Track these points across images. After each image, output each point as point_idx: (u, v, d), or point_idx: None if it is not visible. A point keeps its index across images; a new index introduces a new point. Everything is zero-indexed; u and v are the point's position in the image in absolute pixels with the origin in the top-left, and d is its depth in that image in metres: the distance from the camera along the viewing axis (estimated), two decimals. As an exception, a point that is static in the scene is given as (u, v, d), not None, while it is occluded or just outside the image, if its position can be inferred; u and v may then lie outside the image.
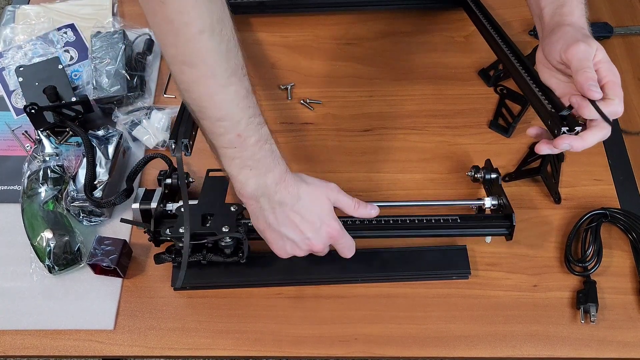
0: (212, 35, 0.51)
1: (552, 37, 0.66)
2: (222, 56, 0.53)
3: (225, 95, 0.54)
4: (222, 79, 0.54)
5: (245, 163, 0.58)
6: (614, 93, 0.62)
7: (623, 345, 0.68)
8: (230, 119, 0.55)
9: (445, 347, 0.68)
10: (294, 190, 0.61)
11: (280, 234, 0.62)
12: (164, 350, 0.68)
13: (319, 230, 0.63)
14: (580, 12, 0.68)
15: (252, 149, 0.57)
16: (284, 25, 0.96)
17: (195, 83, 0.54)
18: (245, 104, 0.56)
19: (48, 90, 0.78)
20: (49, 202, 0.72)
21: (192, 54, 0.52)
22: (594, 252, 0.72)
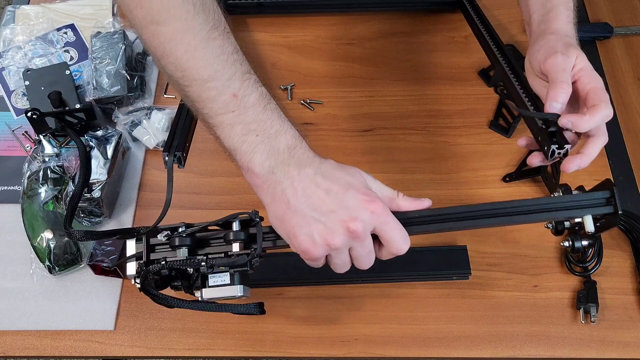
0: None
1: (535, 46, 0.65)
2: (197, 8, 0.46)
3: (209, 50, 0.47)
4: (201, 32, 0.47)
5: (249, 127, 0.48)
6: (598, 98, 0.59)
7: (623, 346, 0.68)
8: (220, 76, 0.48)
9: (446, 348, 0.68)
10: (314, 155, 0.50)
11: (303, 214, 0.48)
12: (164, 350, 0.68)
13: (353, 199, 0.48)
14: (565, 18, 0.65)
15: (254, 109, 0.48)
16: (284, 26, 0.96)
17: (172, 41, 0.47)
18: (234, 59, 0.48)
19: (52, 95, 0.78)
20: (49, 203, 0.72)
21: (162, 10, 0.46)
22: (594, 253, 0.72)
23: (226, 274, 0.54)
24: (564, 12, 0.65)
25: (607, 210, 0.55)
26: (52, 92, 0.78)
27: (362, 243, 0.49)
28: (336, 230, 0.48)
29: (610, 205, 0.55)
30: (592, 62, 0.89)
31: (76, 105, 0.78)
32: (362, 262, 0.51)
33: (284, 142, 0.49)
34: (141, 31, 0.48)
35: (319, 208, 0.48)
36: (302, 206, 0.48)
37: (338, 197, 0.48)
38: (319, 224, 0.48)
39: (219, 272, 0.54)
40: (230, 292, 0.54)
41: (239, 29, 0.95)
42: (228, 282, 0.53)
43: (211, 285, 0.54)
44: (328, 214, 0.48)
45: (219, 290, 0.54)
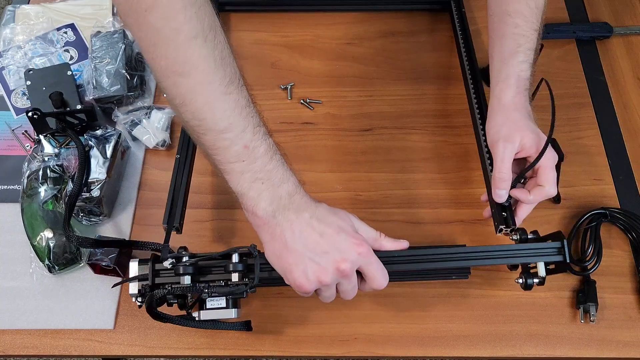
0: (204, 42, 0.49)
1: (488, 119, 0.71)
2: (218, 63, 0.50)
3: (225, 104, 0.51)
4: (220, 86, 0.50)
5: (256, 176, 0.53)
6: (544, 179, 0.65)
7: (623, 345, 0.68)
8: (234, 128, 0.52)
9: (445, 347, 0.68)
10: (310, 200, 0.56)
11: (300, 253, 0.54)
12: (163, 349, 0.68)
13: (344, 242, 0.54)
14: (515, 90, 0.68)
15: (262, 160, 0.53)
16: (284, 25, 0.96)
17: (192, 92, 0.50)
18: (247, 112, 0.52)
19: (54, 96, 0.78)
20: (48, 202, 0.72)
21: (186, 62, 0.49)
22: (594, 252, 0.72)
23: (223, 298, 0.61)
24: (514, 83, 0.68)
25: (557, 258, 0.62)
26: (54, 92, 0.78)
27: (348, 280, 0.55)
28: (328, 270, 0.54)
29: (560, 255, 0.62)
30: (592, 62, 0.91)
31: (77, 106, 0.78)
32: (347, 295, 0.58)
33: (286, 189, 0.54)
34: (162, 80, 0.51)
35: (314, 249, 0.54)
36: (298, 246, 0.54)
37: (331, 240, 0.54)
38: (313, 263, 0.54)
39: (216, 296, 0.61)
40: (226, 314, 0.61)
41: (239, 29, 0.95)
42: (224, 306, 0.61)
43: (209, 308, 0.61)
44: (322, 255, 0.54)
45: (216, 312, 0.61)
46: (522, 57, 0.68)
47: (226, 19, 0.96)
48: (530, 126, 0.66)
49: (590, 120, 0.85)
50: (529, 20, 0.69)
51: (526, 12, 0.69)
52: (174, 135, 0.83)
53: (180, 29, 0.48)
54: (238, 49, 0.93)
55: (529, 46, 0.69)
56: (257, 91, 0.89)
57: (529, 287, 0.64)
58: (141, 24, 0.48)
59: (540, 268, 0.62)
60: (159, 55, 0.49)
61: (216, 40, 0.50)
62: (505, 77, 0.69)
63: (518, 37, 0.69)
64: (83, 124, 0.79)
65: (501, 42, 0.70)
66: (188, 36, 0.48)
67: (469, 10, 0.96)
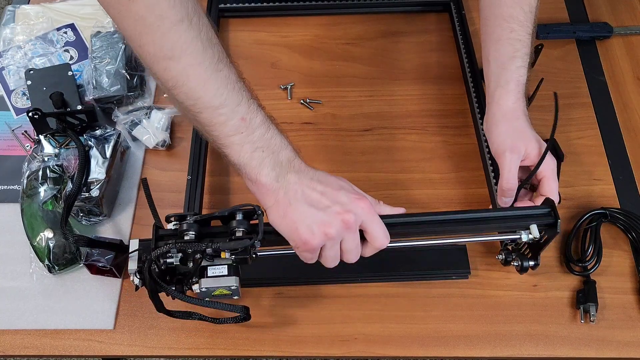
0: (190, 25, 0.50)
1: (487, 126, 0.72)
2: (205, 44, 0.52)
3: (218, 81, 0.53)
4: (211, 65, 0.52)
5: (256, 146, 0.55)
6: (547, 189, 0.68)
7: (623, 345, 0.68)
8: (229, 103, 0.53)
9: (445, 347, 0.68)
10: (308, 166, 0.57)
11: (303, 210, 0.55)
12: (163, 350, 0.68)
13: (345, 197, 0.56)
14: (515, 95, 0.69)
15: (260, 130, 0.55)
16: (284, 25, 0.96)
17: (184, 75, 0.52)
18: (239, 86, 0.54)
19: (54, 96, 0.78)
20: (48, 202, 0.72)
21: (174, 47, 0.50)
22: (594, 252, 0.72)
23: (224, 266, 0.59)
24: (514, 88, 0.69)
25: (549, 220, 0.63)
26: (54, 92, 0.78)
27: (353, 235, 0.56)
28: (332, 222, 0.55)
29: (551, 217, 0.63)
30: (592, 62, 0.91)
31: (78, 106, 0.78)
32: (350, 255, 0.58)
33: (285, 155, 0.56)
34: (152, 65, 0.52)
35: (317, 205, 0.55)
36: (301, 204, 0.55)
37: (333, 196, 0.56)
38: (317, 217, 0.55)
39: (219, 265, 0.59)
40: (227, 282, 0.59)
41: (239, 29, 0.95)
42: (226, 274, 0.59)
43: (210, 276, 0.59)
44: (325, 209, 0.55)
45: (217, 280, 0.59)
46: (519, 62, 0.69)
47: (226, 23, 0.96)
48: (533, 134, 0.69)
49: (590, 120, 0.85)
50: (524, 25, 0.69)
51: (521, 16, 0.69)
52: (174, 136, 0.83)
53: (164, 15, 0.49)
54: (238, 49, 0.93)
55: (525, 51, 0.69)
56: (257, 91, 0.86)
57: (524, 270, 0.67)
58: (125, 14, 0.49)
59: (533, 230, 0.63)
60: (146, 42, 0.51)
61: (201, 22, 0.52)
62: (504, 82, 0.69)
63: (514, 41, 0.69)
64: (83, 124, 0.79)
65: (497, 47, 0.70)
66: (173, 21, 0.49)
67: (467, 10, 0.96)
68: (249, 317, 0.63)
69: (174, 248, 0.57)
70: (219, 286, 0.59)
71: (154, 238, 0.59)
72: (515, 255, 0.69)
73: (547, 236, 0.64)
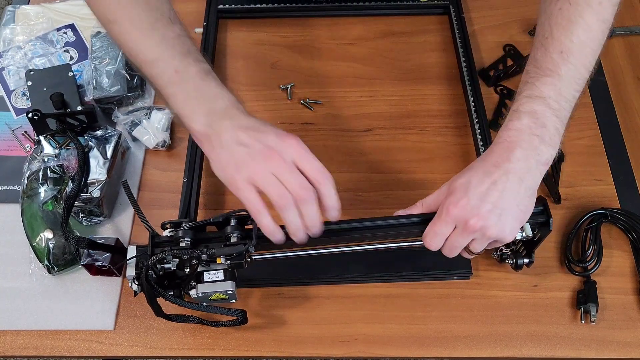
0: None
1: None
2: (142, 7, 0.58)
3: (152, 40, 0.58)
4: (146, 26, 0.58)
5: (190, 95, 0.58)
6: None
7: (623, 346, 0.68)
8: (163, 58, 0.58)
9: (446, 347, 0.68)
10: (248, 114, 0.58)
11: (233, 150, 0.56)
12: (164, 350, 0.68)
13: (275, 137, 0.55)
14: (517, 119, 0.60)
15: (194, 80, 0.58)
16: (284, 25, 0.96)
17: (122, 35, 0.59)
18: (175, 43, 0.59)
19: (54, 97, 0.77)
20: (48, 203, 0.72)
21: (112, 12, 0.58)
22: (594, 252, 0.72)
23: (220, 272, 0.60)
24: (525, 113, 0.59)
25: (541, 218, 0.63)
26: (54, 93, 0.78)
27: (284, 169, 0.55)
28: (257, 158, 0.55)
29: (544, 215, 0.63)
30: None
31: (78, 107, 0.78)
32: (309, 214, 0.56)
33: (221, 104, 0.58)
34: (103, 26, 0.61)
35: (247, 144, 0.56)
36: (232, 145, 0.56)
37: (261, 137, 0.56)
38: (245, 155, 0.55)
39: (215, 270, 0.60)
40: (223, 287, 0.60)
41: (239, 29, 0.95)
42: (222, 279, 0.60)
43: (206, 281, 0.60)
44: (252, 147, 0.55)
45: (213, 285, 0.60)
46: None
47: (225, 24, 0.96)
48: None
49: (590, 121, 0.85)
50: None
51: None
52: (174, 136, 0.83)
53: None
54: (238, 49, 0.93)
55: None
56: (257, 91, 0.89)
57: (519, 267, 0.68)
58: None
59: (526, 229, 0.63)
60: (94, 9, 0.60)
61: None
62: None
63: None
64: (83, 125, 0.79)
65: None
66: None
67: (466, 10, 0.96)
68: (245, 320, 0.64)
69: (169, 255, 0.58)
70: (216, 291, 0.61)
71: (150, 245, 0.60)
72: (510, 253, 0.69)
73: (541, 234, 0.64)
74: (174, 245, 0.59)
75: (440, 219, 0.59)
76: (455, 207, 0.57)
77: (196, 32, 0.93)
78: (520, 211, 0.58)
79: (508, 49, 0.92)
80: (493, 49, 0.93)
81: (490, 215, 0.56)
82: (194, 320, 0.65)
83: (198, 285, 0.60)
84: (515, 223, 0.58)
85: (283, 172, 0.55)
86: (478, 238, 0.58)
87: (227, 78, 0.90)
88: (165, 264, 0.58)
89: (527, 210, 0.59)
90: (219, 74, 0.88)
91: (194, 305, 0.61)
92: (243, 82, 0.90)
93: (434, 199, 0.62)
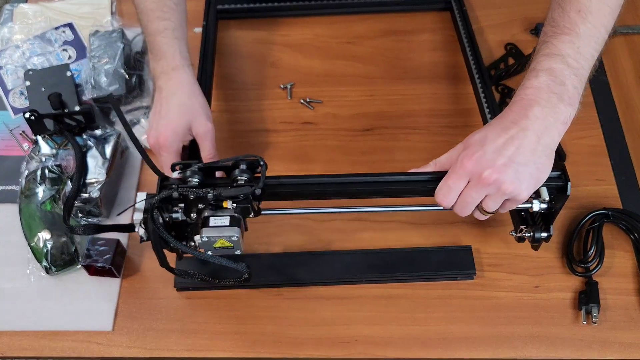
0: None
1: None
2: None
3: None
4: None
5: (150, 48, 0.73)
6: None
7: (625, 346, 0.68)
8: (141, 11, 0.74)
9: (447, 349, 0.68)
10: (174, 85, 0.69)
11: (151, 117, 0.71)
12: (162, 351, 0.68)
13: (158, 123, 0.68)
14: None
15: (150, 38, 0.72)
16: (284, 25, 0.95)
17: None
18: (153, 6, 0.72)
19: (52, 97, 0.77)
20: (46, 203, 0.71)
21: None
22: (596, 253, 0.71)
23: (227, 217, 0.59)
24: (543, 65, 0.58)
25: (559, 183, 0.62)
26: (52, 93, 0.78)
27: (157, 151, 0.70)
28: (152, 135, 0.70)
29: (561, 180, 0.62)
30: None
31: (76, 107, 0.78)
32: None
33: (161, 67, 0.71)
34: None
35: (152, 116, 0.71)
36: (153, 113, 0.71)
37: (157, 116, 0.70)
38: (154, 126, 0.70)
39: (221, 215, 0.59)
40: (229, 232, 0.58)
41: (239, 28, 0.95)
42: (227, 224, 0.58)
43: (212, 226, 0.58)
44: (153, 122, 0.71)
45: (219, 230, 0.58)
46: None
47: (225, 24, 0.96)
48: None
49: (592, 120, 0.85)
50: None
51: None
52: (173, 135, 0.83)
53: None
54: (238, 48, 0.93)
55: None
56: (257, 91, 0.88)
57: (537, 241, 0.66)
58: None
59: (543, 193, 0.62)
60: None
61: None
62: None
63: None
64: (81, 125, 0.78)
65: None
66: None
67: (470, 9, 0.96)
68: (250, 276, 0.62)
69: (176, 192, 0.58)
70: (221, 236, 0.58)
71: (159, 185, 0.60)
72: (527, 228, 0.67)
73: (557, 203, 0.63)
74: (182, 184, 0.59)
75: (454, 172, 0.57)
76: (470, 160, 0.56)
77: (195, 31, 0.93)
78: (537, 169, 0.56)
79: (509, 47, 0.92)
80: (494, 47, 0.92)
81: (506, 169, 0.55)
82: (198, 277, 0.63)
83: (203, 229, 0.58)
84: (531, 180, 0.56)
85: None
86: (492, 193, 0.57)
87: (227, 78, 0.90)
88: (173, 212, 0.59)
89: (544, 169, 0.57)
90: (219, 74, 0.89)
91: (197, 252, 0.59)
92: (243, 81, 0.89)
93: (448, 158, 0.61)
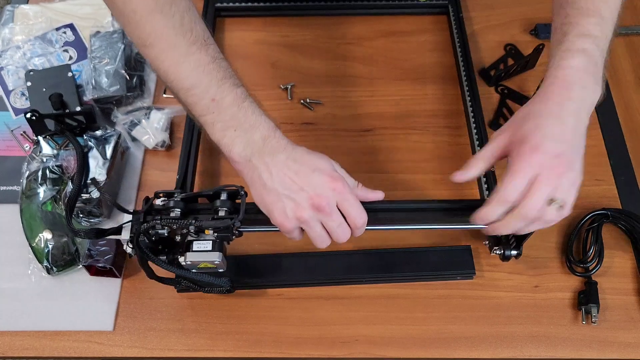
0: (161, 14, 0.55)
1: (519, 118, 0.60)
2: (177, 30, 0.56)
3: (188, 64, 0.56)
4: (181, 49, 0.56)
5: (227, 125, 0.57)
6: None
7: (624, 346, 0.68)
8: (199, 85, 0.57)
9: (446, 348, 0.68)
10: (288, 143, 0.58)
11: (277, 192, 0.56)
12: (163, 351, 0.68)
13: (318, 179, 0.56)
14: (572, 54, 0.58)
15: (230, 109, 0.57)
16: (284, 25, 0.95)
17: (158, 60, 0.57)
18: (211, 68, 0.57)
19: (53, 97, 0.77)
20: (47, 203, 0.71)
21: (147, 35, 0.56)
22: (595, 253, 0.72)
23: (209, 242, 0.61)
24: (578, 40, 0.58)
25: None
26: (53, 94, 0.78)
27: (330, 217, 0.57)
28: (304, 206, 0.56)
29: None
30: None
31: (77, 107, 0.78)
32: (336, 234, 0.58)
33: (259, 134, 0.57)
34: (139, 49, 0.59)
35: (290, 187, 0.56)
36: (276, 186, 0.56)
37: (306, 178, 0.56)
38: (289, 201, 0.56)
39: (203, 240, 0.61)
40: (211, 257, 0.61)
41: (239, 29, 0.95)
42: (210, 249, 0.61)
43: (195, 250, 0.61)
44: (298, 192, 0.56)
45: (201, 255, 0.61)
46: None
47: (223, 22, 0.96)
48: None
49: (591, 121, 0.83)
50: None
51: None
52: (173, 136, 0.83)
53: (136, 9, 0.55)
54: (238, 48, 0.93)
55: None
56: (257, 91, 0.87)
57: (507, 258, 0.69)
58: (112, 8, 0.56)
59: None
60: (128, 32, 0.57)
61: (173, 9, 0.55)
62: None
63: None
64: (82, 125, 0.78)
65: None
66: (144, 13, 0.55)
67: (467, 10, 0.96)
68: (232, 289, 0.66)
69: (159, 224, 0.60)
70: (203, 260, 0.61)
71: (143, 212, 0.62)
72: (500, 244, 0.70)
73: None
74: (165, 215, 0.61)
75: (520, 170, 0.56)
76: (537, 153, 0.55)
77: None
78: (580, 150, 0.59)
79: (509, 48, 0.92)
80: (494, 48, 0.92)
81: (566, 155, 0.56)
82: (184, 284, 0.66)
83: (187, 253, 0.61)
84: (580, 160, 0.58)
85: (331, 225, 0.57)
86: (561, 184, 0.56)
87: (226, 78, 0.90)
88: (158, 230, 0.61)
89: (582, 150, 0.58)
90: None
91: (183, 272, 0.62)
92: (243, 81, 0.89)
93: (492, 149, 0.61)
